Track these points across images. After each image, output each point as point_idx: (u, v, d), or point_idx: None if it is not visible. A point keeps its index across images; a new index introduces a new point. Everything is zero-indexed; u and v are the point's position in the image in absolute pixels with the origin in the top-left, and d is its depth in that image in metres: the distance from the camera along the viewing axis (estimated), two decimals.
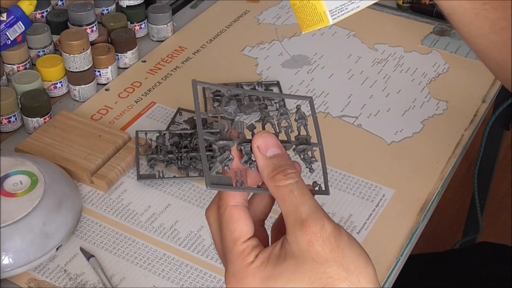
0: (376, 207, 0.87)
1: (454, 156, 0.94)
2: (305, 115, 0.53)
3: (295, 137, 0.52)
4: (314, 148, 0.53)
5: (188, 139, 0.93)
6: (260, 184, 0.51)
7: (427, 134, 0.98)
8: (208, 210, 0.51)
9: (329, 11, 0.55)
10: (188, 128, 0.96)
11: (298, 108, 0.53)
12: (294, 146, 0.52)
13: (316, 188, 0.52)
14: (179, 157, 0.90)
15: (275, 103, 0.52)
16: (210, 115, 0.51)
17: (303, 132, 0.53)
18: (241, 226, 0.48)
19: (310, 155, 0.52)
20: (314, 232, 0.46)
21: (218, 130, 0.50)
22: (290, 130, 0.52)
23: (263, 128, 0.51)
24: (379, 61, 1.12)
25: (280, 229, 0.51)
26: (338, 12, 0.55)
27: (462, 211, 1.80)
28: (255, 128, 0.51)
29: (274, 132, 0.51)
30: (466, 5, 0.68)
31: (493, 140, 1.44)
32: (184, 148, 0.91)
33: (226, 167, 0.49)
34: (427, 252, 1.20)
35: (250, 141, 0.50)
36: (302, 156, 0.52)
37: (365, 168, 0.92)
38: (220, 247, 0.50)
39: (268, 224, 0.53)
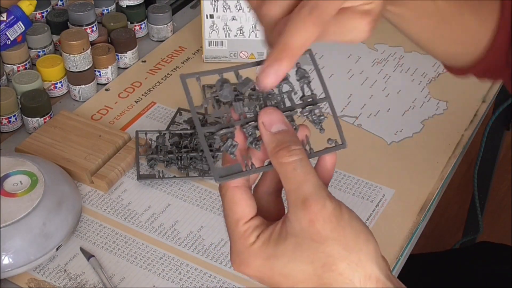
0: (376, 207, 0.87)
1: (454, 156, 0.94)
2: (306, 72, 0.51)
3: (300, 98, 0.50)
4: (322, 105, 0.51)
5: (188, 139, 0.93)
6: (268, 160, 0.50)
7: (427, 134, 0.98)
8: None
9: None
10: (188, 128, 0.96)
11: (298, 67, 0.51)
12: (300, 110, 0.50)
13: (333, 145, 0.51)
14: (179, 157, 0.90)
15: None
16: (205, 106, 0.49)
17: (308, 92, 0.51)
18: (242, 208, 0.48)
19: (318, 114, 0.51)
20: (315, 211, 0.45)
21: (218, 122, 0.48)
22: (293, 93, 0.50)
23: (264, 100, 0.49)
24: (379, 61, 1.12)
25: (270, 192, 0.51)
26: None
27: (462, 211, 1.80)
28: (251, 81, 0.48)
29: (275, 100, 0.49)
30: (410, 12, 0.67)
31: (493, 140, 1.44)
32: (184, 148, 0.91)
33: (231, 155, 0.48)
34: (427, 252, 1.20)
35: (252, 120, 0.49)
36: (310, 118, 0.51)
37: (365, 168, 0.92)
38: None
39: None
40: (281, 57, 0.46)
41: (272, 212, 0.52)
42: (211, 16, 1.05)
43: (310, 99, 0.51)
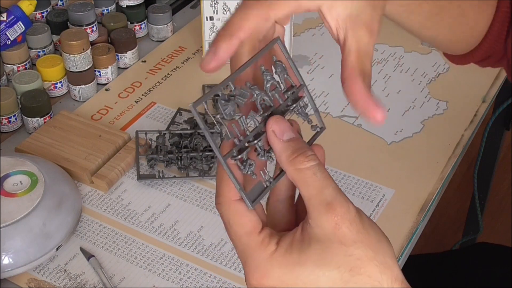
0: (376, 207, 0.87)
1: (454, 156, 0.94)
2: (281, 63, 0.50)
3: (283, 93, 0.50)
4: (300, 93, 0.51)
5: (188, 139, 0.93)
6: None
7: (427, 134, 0.98)
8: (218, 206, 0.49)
9: None
10: (188, 128, 0.96)
11: (274, 60, 0.50)
12: (291, 107, 0.50)
13: (317, 130, 0.52)
14: (179, 157, 0.90)
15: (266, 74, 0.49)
16: (218, 132, 0.48)
17: (288, 85, 0.51)
18: (250, 218, 0.47)
19: (302, 105, 0.51)
20: (341, 214, 0.44)
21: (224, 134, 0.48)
22: (280, 90, 0.50)
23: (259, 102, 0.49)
24: (379, 61, 1.12)
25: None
26: None
27: (462, 211, 1.80)
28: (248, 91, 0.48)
29: (270, 102, 0.49)
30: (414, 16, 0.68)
31: (493, 140, 1.44)
32: (184, 148, 0.91)
33: (252, 174, 0.47)
34: (427, 253, 1.20)
35: (256, 135, 0.48)
36: (297, 112, 0.51)
37: (365, 168, 0.92)
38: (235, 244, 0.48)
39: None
40: (217, 39, 0.47)
41: (285, 220, 0.50)
42: (211, 18, 1.05)
43: (293, 92, 0.51)
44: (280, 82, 0.50)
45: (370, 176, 0.91)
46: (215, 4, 1.04)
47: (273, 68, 0.51)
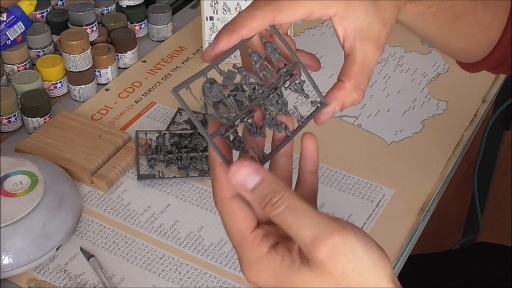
0: (376, 207, 0.87)
1: (454, 156, 0.94)
2: (272, 44, 0.52)
3: (276, 72, 0.52)
4: (296, 71, 0.52)
5: (188, 139, 0.93)
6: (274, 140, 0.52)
7: (427, 134, 0.98)
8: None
9: None
10: (188, 128, 0.96)
11: (264, 42, 0.52)
12: (285, 84, 0.52)
13: (318, 106, 0.53)
14: (179, 157, 0.90)
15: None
16: (203, 111, 0.50)
17: (281, 64, 0.52)
18: (243, 217, 0.48)
19: (298, 82, 0.52)
20: (324, 252, 0.44)
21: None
22: (270, 71, 0.51)
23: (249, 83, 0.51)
24: (379, 61, 1.12)
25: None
26: None
27: (462, 211, 1.80)
28: (234, 72, 0.50)
29: (259, 79, 0.51)
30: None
31: (493, 140, 1.44)
32: (184, 148, 0.91)
33: (242, 151, 0.49)
34: (427, 253, 1.20)
35: (247, 113, 0.50)
36: (293, 88, 0.52)
37: (365, 168, 0.92)
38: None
39: None
40: (220, 32, 0.50)
41: (288, 171, 0.52)
42: (211, 18, 1.05)
43: (286, 70, 0.52)
44: (274, 61, 0.52)
45: (370, 176, 0.91)
46: (215, 4, 1.04)
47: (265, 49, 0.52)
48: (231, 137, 0.49)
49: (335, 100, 0.53)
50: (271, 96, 0.50)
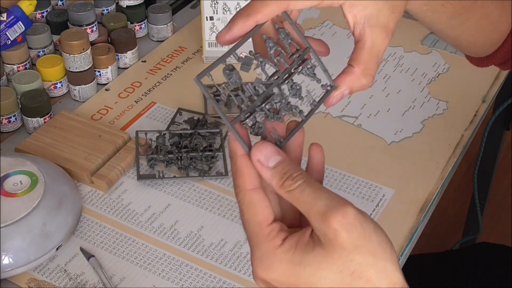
0: (376, 207, 0.87)
1: (454, 156, 0.94)
2: (285, 30, 0.53)
3: (289, 57, 0.53)
4: (306, 56, 0.54)
5: (188, 139, 0.93)
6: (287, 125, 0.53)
7: (427, 134, 0.98)
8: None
9: None
10: (188, 128, 0.96)
11: (276, 27, 0.54)
12: (298, 69, 0.53)
13: (328, 89, 0.54)
14: (179, 157, 0.90)
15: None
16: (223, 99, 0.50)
17: (292, 49, 0.54)
18: (263, 209, 0.49)
19: (309, 66, 0.54)
20: (338, 220, 0.46)
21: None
22: (284, 56, 0.53)
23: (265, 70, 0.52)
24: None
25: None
26: None
27: (462, 211, 1.80)
28: (251, 58, 0.51)
29: (274, 65, 0.52)
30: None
31: (493, 140, 1.44)
32: (184, 148, 0.91)
33: (261, 136, 0.50)
34: (427, 253, 1.20)
35: (264, 99, 0.51)
36: (305, 73, 0.54)
37: (365, 168, 0.92)
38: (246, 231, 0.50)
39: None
40: (236, 16, 0.52)
41: (292, 212, 0.52)
42: (211, 18, 1.05)
43: (298, 55, 0.53)
44: (287, 46, 0.53)
45: (370, 176, 0.91)
46: (215, 4, 1.04)
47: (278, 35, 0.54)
48: (250, 123, 0.50)
49: (344, 83, 0.55)
50: (286, 81, 0.52)
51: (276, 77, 0.52)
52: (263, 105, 0.51)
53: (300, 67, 0.53)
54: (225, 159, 0.91)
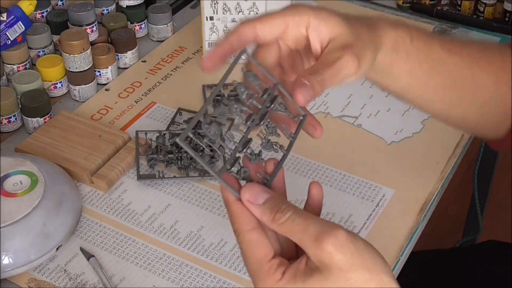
0: (376, 207, 0.87)
1: (454, 156, 0.94)
2: (252, 72, 0.55)
3: (260, 97, 0.55)
4: (276, 92, 0.56)
5: (188, 139, 0.92)
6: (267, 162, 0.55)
7: (427, 134, 0.98)
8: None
9: None
10: None
11: (244, 72, 0.56)
12: (270, 108, 0.55)
13: (300, 119, 0.57)
14: (179, 157, 0.90)
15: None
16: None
17: (262, 89, 0.56)
18: (261, 248, 0.51)
19: (280, 102, 0.56)
20: (331, 242, 0.48)
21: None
22: (256, 98, 0.55)
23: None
24: None
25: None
26: None
27: (462, 211, 1.80)
28: (223, 125, 0.55)
29: (249, 110, 0.54)
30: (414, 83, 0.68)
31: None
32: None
33: (245, 180, 0.54)
34: (428, 250, 1.20)
35: (245, 144, 0.54)
36: (278, 109, 0.56)
37: (365, 168, 0.92)
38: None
39: None
40: (213, 49, 0.57)
41: (289, 244, 0.54)
42: (211, 18, 1.05)
43: (268, 94, 0.55)
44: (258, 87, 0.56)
45: (370, 176, 0.91)
46: (215, 4, 1.04)
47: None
48: (235, 170, 0.53)
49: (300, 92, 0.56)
50: (262, 122, 0.54)
51: (252, 119, 0.54)
52: (244, 150, 0.53)
53: (272, 105, 0.55)
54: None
